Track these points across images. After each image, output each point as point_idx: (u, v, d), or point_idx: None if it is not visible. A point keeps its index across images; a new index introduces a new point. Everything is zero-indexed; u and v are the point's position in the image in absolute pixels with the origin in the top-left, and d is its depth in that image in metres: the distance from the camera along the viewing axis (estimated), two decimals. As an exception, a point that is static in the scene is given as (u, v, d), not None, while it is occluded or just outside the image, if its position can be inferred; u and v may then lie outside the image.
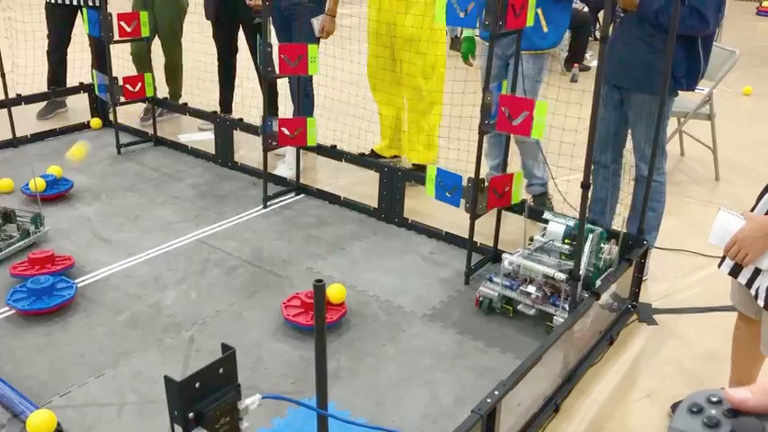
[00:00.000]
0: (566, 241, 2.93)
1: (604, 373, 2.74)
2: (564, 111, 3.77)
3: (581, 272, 2.72)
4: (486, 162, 3.96)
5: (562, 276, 2.79)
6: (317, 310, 1.43)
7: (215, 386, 1.11)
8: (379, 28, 4.27)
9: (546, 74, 3.80)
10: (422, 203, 3.84)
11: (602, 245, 2.91)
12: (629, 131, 3.34)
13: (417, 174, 3.81)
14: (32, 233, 3.43)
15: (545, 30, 3.24)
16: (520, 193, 3.32)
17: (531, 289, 2.91)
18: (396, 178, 3.81)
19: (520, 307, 2.96)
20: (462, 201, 3.14)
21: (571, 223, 2.93)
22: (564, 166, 3.96)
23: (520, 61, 3.10)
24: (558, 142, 3.89)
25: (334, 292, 2.89)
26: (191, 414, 1.07)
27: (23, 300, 2.88)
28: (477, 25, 2.80)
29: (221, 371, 1.13)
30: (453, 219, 3.63)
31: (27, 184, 3.90)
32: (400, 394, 2.51)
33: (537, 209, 3.45)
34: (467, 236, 3.23)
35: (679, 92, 3.21)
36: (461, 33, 4.39)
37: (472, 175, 3.07)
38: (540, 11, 3.43)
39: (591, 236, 2.83)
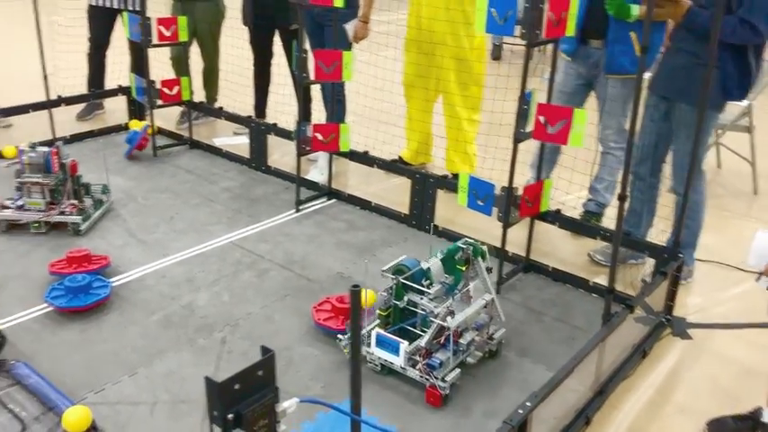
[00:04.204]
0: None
1: (637, 387, 2.71)
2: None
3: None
4: (528, 173, 3.94)
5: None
6: (353, 316, 1.44)
7: (253, 388, 1.12)
8: (419, 35, 4.28)
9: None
10: (453, 211, 3.83)
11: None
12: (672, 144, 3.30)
13: (449, 181, 3.80)
14: (104, 202, 3.90)
15: (638, 54, 3.15)
16: (548, 201, 3.30)
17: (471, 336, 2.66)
18: (427, 185, 3.81)
19: (469, 358, 2.68)
20: (495, 210, 3.13)
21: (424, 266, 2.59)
22: (586, 173, 3.92)
23: (556, 73, 3.09)
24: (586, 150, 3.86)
25: (365, 297, 2.90)
26: (230, 415, 1.08)
27: (61, 297, 2.94)
28: (516, 33, 2.80)
29: (260, 373, 1.14)
30: (484, 227, 3.61)
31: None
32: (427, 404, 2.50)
33: (572, 218, 3.44)
34: (498, 245, 3.22)
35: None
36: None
37: (506, 184, 3.06)
38: (633, 34, 3.36)
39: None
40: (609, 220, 3.78)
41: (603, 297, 2.79)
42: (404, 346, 2.50)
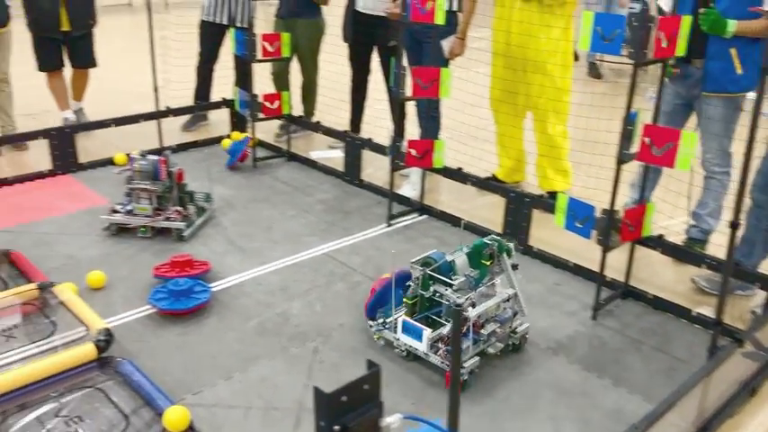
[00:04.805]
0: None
1: (744, 427, 2.55)
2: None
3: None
4: (629, 193, 3.82)
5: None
6: (453, 336, 1.43)
7: (359, 401, 1.13)
8: (507, 51, 4.25)
9: (739, 116, 3.52)
10: (547, 231, 3.74)
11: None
12: None
13: (546, 201, 3.73)
14: (207, 210, 4.03)
15: (739, 71, 3.00)
16: (651, 225, 3.17)
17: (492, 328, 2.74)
18: (523, 204, 3.75)
19: (490, 349, 2.78)
20: (593, 232, 3.04)
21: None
22: (688, 196, 3.75)
23: (665, 96, 2.98)
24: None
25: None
26: (336, 427, 1.09)
27: (164, 300, 3.07)
28: (623, 52, 2.72)
29: (366, 387, 1.14)
30: (580, 249, 3.51)
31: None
32: (521, 427, 2.45)
33: (676, 245, 3.30)
34: (596, 268, 3.12)
35: None
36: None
37: (602, 204, 2.97)
38: (734, 51, 3.24)
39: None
40: (714, 247, 3.59)
41: (706, 328, 2.68)
42: (426, 332, 2.62)
